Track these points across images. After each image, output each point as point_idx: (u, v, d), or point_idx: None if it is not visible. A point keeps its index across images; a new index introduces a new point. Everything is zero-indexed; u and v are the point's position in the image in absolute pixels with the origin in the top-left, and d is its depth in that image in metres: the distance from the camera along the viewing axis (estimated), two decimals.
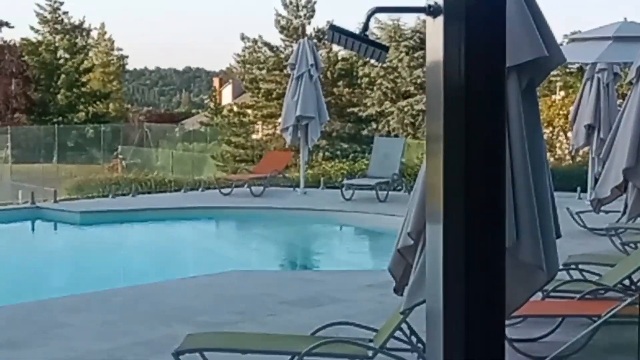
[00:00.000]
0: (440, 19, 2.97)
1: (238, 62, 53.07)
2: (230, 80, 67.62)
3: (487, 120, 2.95)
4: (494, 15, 2.92)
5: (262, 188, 19.46)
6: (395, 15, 41.13)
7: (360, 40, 4.18)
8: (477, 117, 2.92)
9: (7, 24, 71.52)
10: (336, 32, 4.25)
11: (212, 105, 60.64)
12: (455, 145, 2.90)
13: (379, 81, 41.79)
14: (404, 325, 6.87)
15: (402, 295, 6.13)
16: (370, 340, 7.14)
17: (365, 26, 4.15)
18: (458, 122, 2.91)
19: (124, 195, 21.51)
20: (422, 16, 4.05)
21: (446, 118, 2.93)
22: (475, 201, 2.88)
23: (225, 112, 52.48)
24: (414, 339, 7.08)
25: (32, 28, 67.92)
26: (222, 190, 19.74)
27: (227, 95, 66.45)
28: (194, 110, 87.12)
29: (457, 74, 2.90)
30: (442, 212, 2.91)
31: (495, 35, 2.92)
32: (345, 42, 4.27)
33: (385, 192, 18.34)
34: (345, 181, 19.71)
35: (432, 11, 3.05)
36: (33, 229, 17.83)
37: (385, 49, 4.27)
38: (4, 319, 9.22)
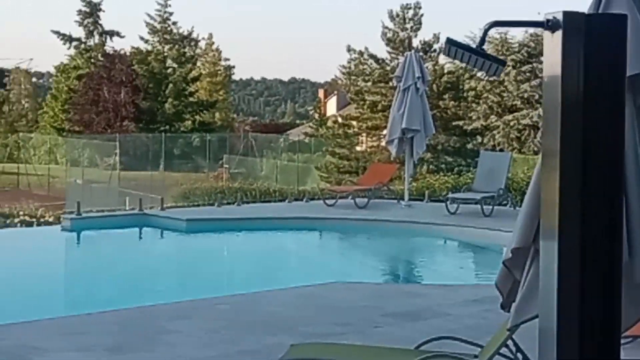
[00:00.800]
0: (558, 33, 2.92)
1: (343, 73, 53.20)
2: (335, 92, 67.79)
3: (606, 136, 2.90)
4: (615, 30, 2.87)
5: (366, 200, 19.45)
6: (502, 29, 40.74)
7: (477, 54, 4.13)
8: (595, 133, 2.86)
9: (118, 34, 73.18)
10: (452, 46, 4.21)
11: (316, 116, 60.97)
12: (572, 160, 2.85)
13: (484, 95, 41.43)
14: (509, 342, 6.77)
15: (508, 311, 6.04)
16: (475, 356, 7.05)
17: (482, 40, 4.10)
18: (575, 138, 2.86)
19: (229, 204, 21.74)
20: (531, 30, 4.01)
21: (563, 133, 2.88)
22: (592, 218, 2.83)
23: (329, 123, 52.67)
24: (520, 356, 6.96)
25: (141, 38, 69.27)
26: (327, 201, 19.79)
27: (331, 107, 66.64)
28: (298, 121, 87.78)
29: (575, 89, 2.86)
30: (558, 229, 2.86)
31: (616, 50, 2.86)
32: (462, 56, 4.23)
33: (490, 207, 18.15)
34: (450, 195, 19.56)
35: (550, 26, 3.00)
36: (140, 236, 18.14)
37: (502, 63, 4.21)
38: (111, 324, 9.38)
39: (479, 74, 40.88)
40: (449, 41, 4.24)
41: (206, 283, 13.45)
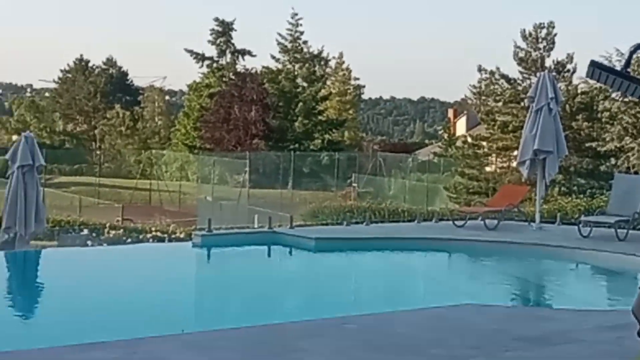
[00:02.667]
0: None
1: (474, 93, 52.86)
2: (465, 112, 67.30)
3: None
4: None
5: (496, 221, 19.17)
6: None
7: (623, 77, 3.98)
8: None
9: (249, 53, 74.34)
10: (596, 68, 4.07)
11: (446, 136, 60.59)
12: None
13: (619, 115, 40.43)
14: None
15: None
16: None
17: (628, 62, 3.96)
18: None
19: (357, 223, 21.72)
20: None
21: None
22: None
23: (459, 143, 52.29)
24: None
25: (273, 57, 70.20)
26: (456, 222, 19.58)
27: (461, 127, 66.17)
28: (427, 141, 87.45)
29: None
30: None
31: None
32: (606, 79, 4.09)
33: (625, 231, 17.65)
34: (583, 218, 19.11)
35: None
36: (269, 253, 18.27)
37: None
38: (239, 340, 9.42)
39: (614, 95, 39.91)
40: (593, 64, 4.10)
41: (334, 302, 13.41)
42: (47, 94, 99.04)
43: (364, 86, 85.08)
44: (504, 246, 17.48)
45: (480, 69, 48.56)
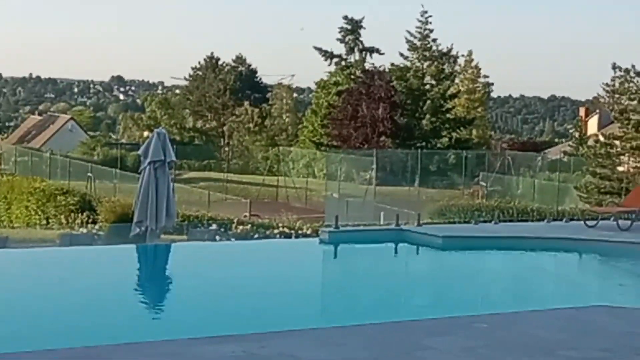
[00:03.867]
0: None
1: (607, 91, 51.61)
2: (597, 110, 65.82)
3: None
4: None
5: (629, 222, 18.64)
6: None
7: None
8: None
9: (377, 51, 74.40)
10: None
11: (576, 135, 59.37)
12: None
13: None
14: None
15: None
16: None
17: None
18: None
19: (485, 221, 21.44)
20: None
21: None
22: None
23: (590, 142, 51.15)
24: None
25: (401, 54, 69.96)
26: (587, 222, 19.12)
27: (592, 125, 64.70)
28: (557, 139, 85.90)
29: None
30: None
31: None
32: None
33: None
34: None
35: None
36: (396, 251, 18.19)
37: None
38: (367, 337, 9.37)
39: None
40: None
41: (462, 301, 13.25)
42: (177, 91, 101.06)
43: (492, 84, 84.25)
44: (638, 247, 16.99)
45: (614, 67, 47.41)
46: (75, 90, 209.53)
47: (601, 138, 48.47)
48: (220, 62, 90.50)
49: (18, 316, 10.79)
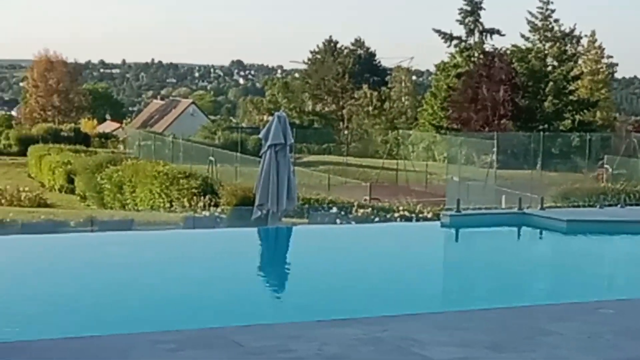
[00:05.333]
0: None
1: None
2: None
3: None
4: None
5: None
6: None
7: None
8: None
9: (498, 32, 73.38)
10: None
11: None
12: None
13: None
14: None
15: None
16: None
17: None
18: None
19: (610, 205, 20.97)
20: None
21: None
22: None
23: None
24: None
25: (522, 36, 68.95)
26: None
27: None
28: None
29: None
30: None
31: None
32: None
33: None
34: None
35: None
36: (519, 235, 17.95)
37: None
38: (489, 322, 9.29)
39: None
40: None
41: (587, 286, 13.00)
42: (297, 75, 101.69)
43: (617, 64, 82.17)
44: None
45: None
46: (196, 74, 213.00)
47: None
48: (339, 46, 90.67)
49: (147, 297, 11.04)
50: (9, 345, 8.30)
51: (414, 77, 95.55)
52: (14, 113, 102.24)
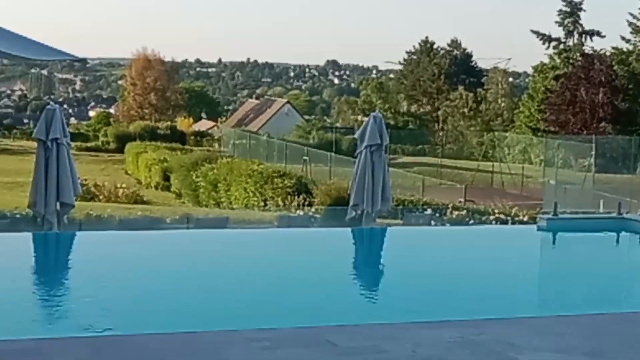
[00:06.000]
0: None
1: None
2: None
3: None
4: None
5: None
6: None
7: None
8: None
9: (598, 34, 72.23)
10: None
11: None
12: None
13: None
14: None
15: None
16: None
17: None
18: None
19: None
20: None
21: None
22: None
23: None
24: None
25: (622, 38, 67.70)
26: None
27: None
28: None
29: None
30: None
31: None
32: None
33: None
34: None
35: None
36: (618, 240, 17.60)
37: None
38: (587, 328, 9.14)
39: None
40: None
41: None
42: (392, 75, 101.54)
43: None
44: None
45: None
46: (291, 74, 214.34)
47: None
48: (435, 46, 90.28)
49: (242, 295, 11.12)
50: (106, 340, 8.46)
51: (510, 79, 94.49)
52: (112, 111, 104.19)
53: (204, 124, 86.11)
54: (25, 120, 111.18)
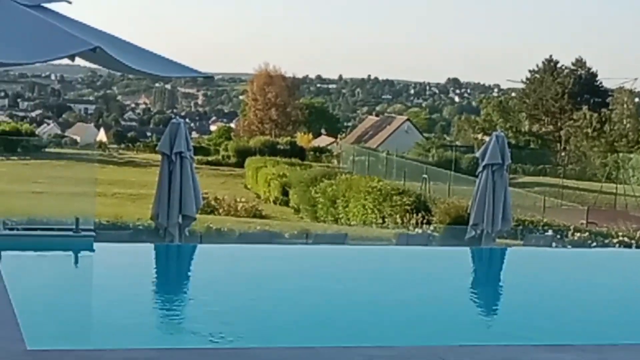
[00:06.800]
0: None
1: None
2: None
3: None
4: None
5: None
6: None
7: None
8: None
9: None
10: None
11: None
12: None
13: None
14: None
15: None
16: None
17: None
18: None
19: None
20: None
21: None
22: None
23: None
24: None
25: None
26: None
27: None
28: None
29: None
30: None
31: None
32: None
33: None
34: None
35: None
36: None
37: None
38: None
39: None
40: None
41: None
42: (513, 94, 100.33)
43: None
44: None
45: None
46: (412, 91, 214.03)
47: None
48: (559, 65, 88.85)
49: (361, 311, 11.12)
50: (225, 352, 8.56)
51: (637, 99, 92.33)
52: (232, 125, 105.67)
53: (323, 140, 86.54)
54: (149, 134, 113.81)
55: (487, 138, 16.52)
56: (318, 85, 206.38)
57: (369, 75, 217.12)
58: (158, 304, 11.77)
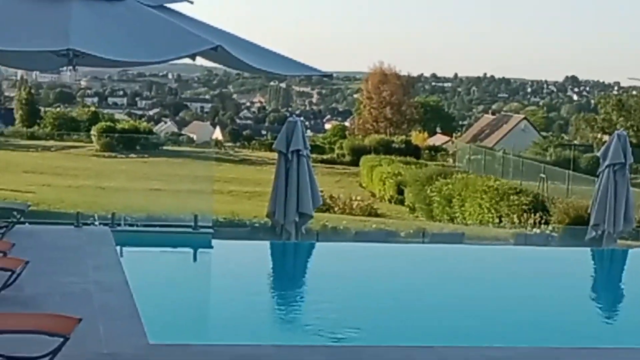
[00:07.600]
0: None
1: None
2: None
3: None
4: None
5: None
6: None
7: None
8: None
9: None
10: None
11: None
12: None
13: None
14: None
15: None
16: None
17: None
18: None
19: None
20: None
21: None
22: None
23: None
24: None
25: None
26: None
27: None
28: None
29: None
30: None
31: None
32: None
33: None
34: None
35: None
36: None
37: None
38: None
39: None
40: None
41: None
42: (634, 92, 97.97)
43: None
44: None
45: None
46: (529, 90, 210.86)
47: None
48: None
49: (480, 311, 11.01)
50: (340, 349, 8.57)
51: None
52: (347, 124, 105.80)
53: (438, 139, 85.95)
54: (264, 132, 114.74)
55: (606, 137, 16.17)
56: (433, 83, 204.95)
57: (485, 74, 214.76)
58: (275, 301, 11.86)
